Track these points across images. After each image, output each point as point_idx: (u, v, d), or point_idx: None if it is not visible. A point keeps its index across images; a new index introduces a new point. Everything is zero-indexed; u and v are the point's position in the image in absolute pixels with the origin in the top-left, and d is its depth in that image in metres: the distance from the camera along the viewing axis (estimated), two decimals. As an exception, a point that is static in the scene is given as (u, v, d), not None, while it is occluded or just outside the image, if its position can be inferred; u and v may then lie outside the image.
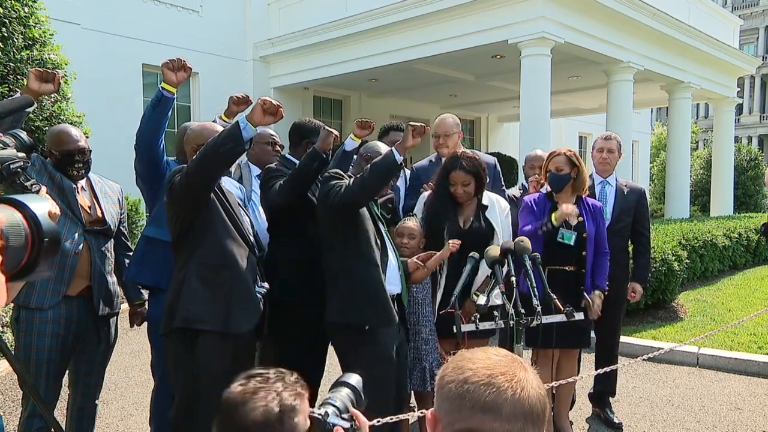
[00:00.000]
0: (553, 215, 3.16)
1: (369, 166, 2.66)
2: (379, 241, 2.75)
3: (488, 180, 3.32)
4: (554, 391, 3.41)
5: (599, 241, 3.35)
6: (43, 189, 1.84)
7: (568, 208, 3.12)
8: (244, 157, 3.51)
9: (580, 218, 3.30)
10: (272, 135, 3.47)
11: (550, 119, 9.40)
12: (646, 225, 3.84)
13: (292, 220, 2.95)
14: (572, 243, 3.23)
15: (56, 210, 0.68)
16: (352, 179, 2.69)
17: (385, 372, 2.67)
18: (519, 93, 9.33)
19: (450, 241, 2.89)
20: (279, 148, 3.44)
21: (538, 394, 0.94)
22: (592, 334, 3.61)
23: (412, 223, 3.14)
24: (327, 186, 2.70)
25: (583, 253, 3.26)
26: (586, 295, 3.25)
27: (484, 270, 2.90)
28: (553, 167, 3.28)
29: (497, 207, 3.22)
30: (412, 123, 2.70)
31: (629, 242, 3.85)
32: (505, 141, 17.28)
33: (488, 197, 3.24)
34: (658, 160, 20.90)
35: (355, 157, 3.56)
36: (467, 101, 15.09)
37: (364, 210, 2.74)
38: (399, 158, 2.61)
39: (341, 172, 2.76)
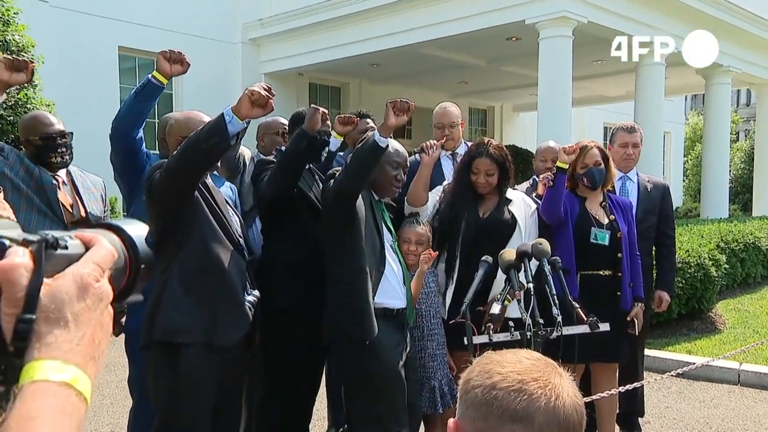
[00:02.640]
0: (558, 163, 3.19)
1: (352, 153, 2.71)
2: (377, 250, 2.79)
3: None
4: (595, 414, 3.43)
5: (630, 243, 3.36)
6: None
7: (570, 147, 3.18)
8: (249, 151, 3.54)
9: (612, 216, 3.32)
10: (283, 124, 3.49)
11: (571, 108, 9.39)
12: (670, 225, 3.85)
13: (291, 219, 2.96)
14: (606, 243, 3.25)
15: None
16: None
17: (394, 389, 2.69)
18: (537, 79, 9.32)
19: (424, 253, 2.98)
20: None
21: (575, 403, 0.93)
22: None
23: (420, 227, 3.14)
24: (325, 186, 2.79)
25: (619, 254, 3.28)
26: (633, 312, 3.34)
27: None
28: (591, 161, 3.30)
29: (522, 203, 3.29)
30: (391, 100, 2.73)
31: (653, 245, 3.85)
32: (522, 132, 17.25)
33: (513, 193, 3.32)
34: (693, 154, 20.85)
35: (341, 154, 3.63)
36: (479, 89, 15.08)
37: (363, 212, 2.78)
38: (382, 141, 2.66)
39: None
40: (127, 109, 2.79)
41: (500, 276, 2.96)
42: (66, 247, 0.61)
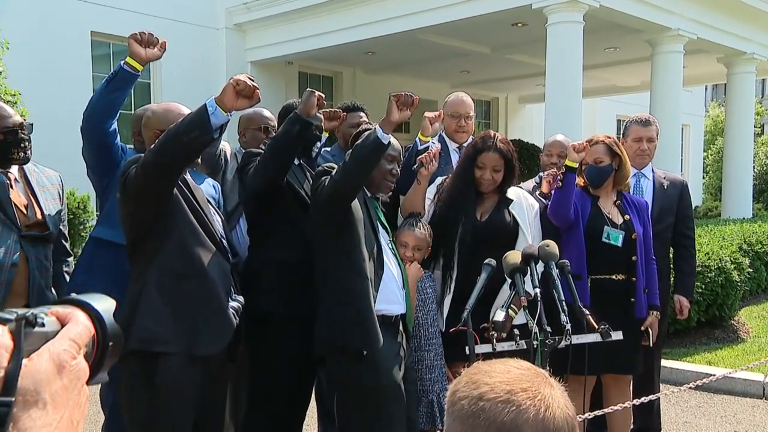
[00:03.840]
0: (567, 162, 3.21)
1: (351, 150, 2.71)
2: (375, 252, 2.80)
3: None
4: (607, 430, 3.44)
5: (646, 245, 3.38)
6: None
7: (580, 144, 3.19)
8: (230, 145, 3.53)
9: (627, 216, 3.33)
10: (267, 119, 3.49)
11: (581, 100, 9.40)
12: (690, 225, 3.86)
13: (280, 215, 2.97)
14: (620, 244, 3.27)
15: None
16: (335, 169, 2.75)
17: (392, 403, 2.70)
18: (544, 68, 9.33)
19: (413, 265, 3.00)
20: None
21: (566, 414, 0.95)
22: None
23: (419, 231, 3.12)
24: (316, 183, 2.77)
25: (633, 257, 3.30)
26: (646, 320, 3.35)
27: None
28: (591, 158, 3.31)
29: (524, 203, 3.29)
30: (395, 93, 2.74)
31: (670, 247, 3.87)
32: (528, 126, 17.29)
33: (514, 191, 3.32)
34: (713, 148, 20.92)
35: (328, 148, 3.64)
36: (482, 78, 15.10)
37: (359, 212, 2.78)
38: (384, 136, 2.66)
39: (334, 166, 2.81)
40: (99, 99, 2.78)
41: (506, 284, 2.98)
42: (43, 325, 0.63)
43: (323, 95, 2.93)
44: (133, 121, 3.26)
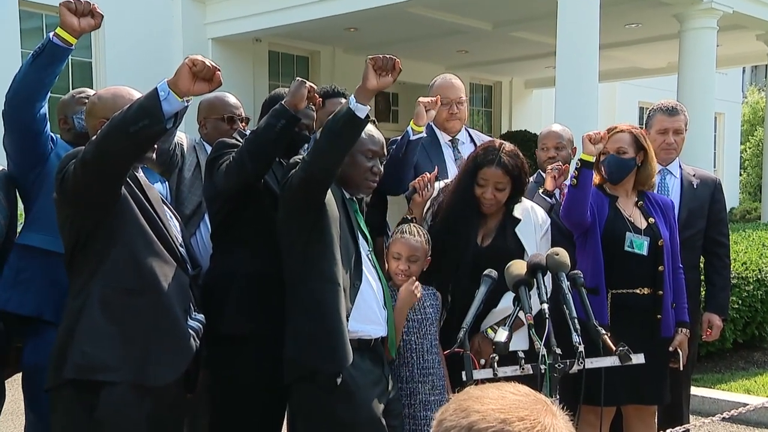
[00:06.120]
0: (582, 156, 3.21)
1: (322, 127, 2.70)
2: (352, 260, 2.81)
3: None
4: None
5: (673, 252, 3.42)
6: None
7: (596, 134, 3.20)
8: (187, 136, 3.51)
9: (651, 219, 3.36)
10: (232, 107, 3.48)
11: (598, 84, 9.45)
12: (723, 230, 3.89)
13: (254, 219, 2.97)
14: (645, 252, 3.29)
15: None
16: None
17: None
18: (554, 48, 9.38)
19: (413, 287, 2.99)
20: (243, 126, 3.45)
21: None
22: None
23: (413, 238, 3.06)
24: (286, 176, 2.77)
25: (660, 267, 3.33)
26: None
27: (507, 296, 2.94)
28: (614, 147, 3.33)
29: (533, 221, 3.26)
30: (372, 56, 2.67)
31: (700, 256, 3.90)
32: (535, 114, 17.36)
33: (523, 207, 3.28)
34: (752, 140, 21.10)
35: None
36: (483, 60, 15.15)
37: (335, 211, 2.79)
38: (360, 109, 2.59)
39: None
40: (24, 78, 2.76)
41: (504, 299, 3.00)
42: None
43: (315, 87, 2.90)
44: (59, 105, 3.23)
